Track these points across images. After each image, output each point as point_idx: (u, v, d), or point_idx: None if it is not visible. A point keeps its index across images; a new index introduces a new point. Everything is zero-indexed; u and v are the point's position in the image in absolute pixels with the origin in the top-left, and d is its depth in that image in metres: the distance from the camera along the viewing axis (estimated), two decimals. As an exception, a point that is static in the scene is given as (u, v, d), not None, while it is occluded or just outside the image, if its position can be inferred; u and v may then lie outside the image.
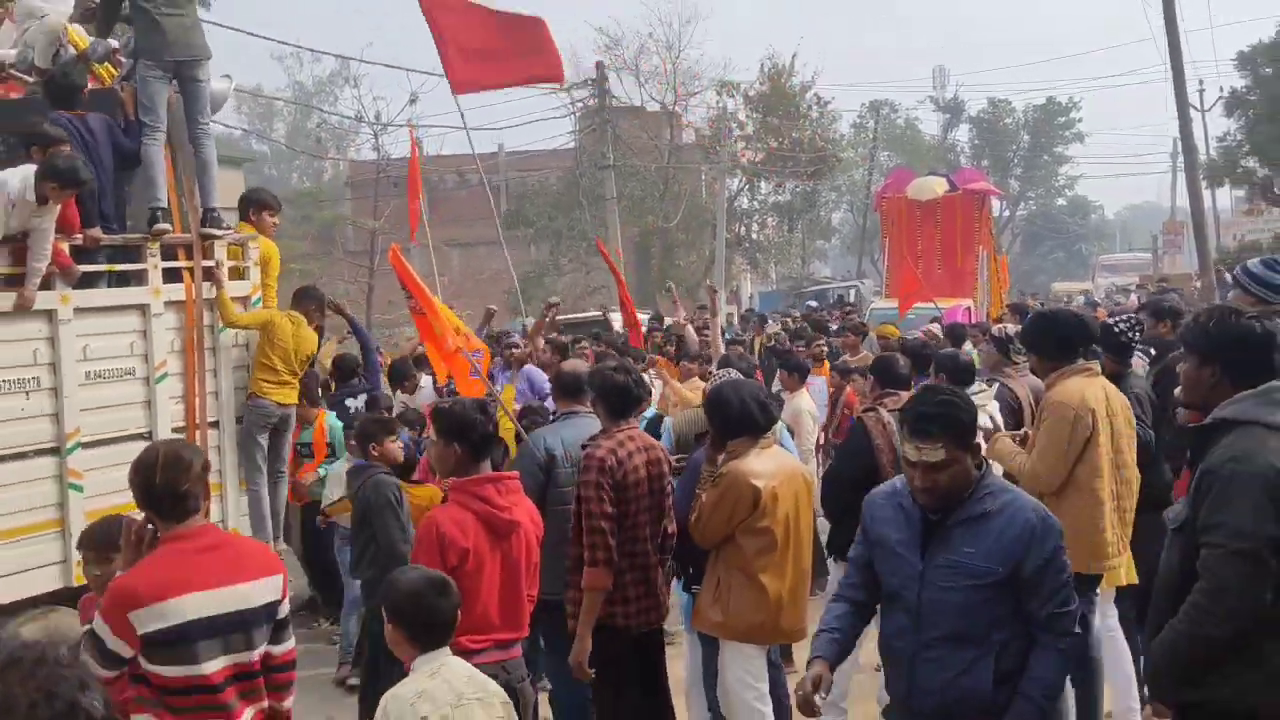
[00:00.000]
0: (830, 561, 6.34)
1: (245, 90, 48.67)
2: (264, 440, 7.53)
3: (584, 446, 5.21)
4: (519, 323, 17.23)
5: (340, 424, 8.19)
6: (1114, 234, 79.88)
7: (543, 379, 8.99)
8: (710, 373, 8.13)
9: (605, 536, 4.94)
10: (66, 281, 6.40)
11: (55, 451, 6.33)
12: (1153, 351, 7.47)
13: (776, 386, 9.78)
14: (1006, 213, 61.75)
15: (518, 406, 7.96)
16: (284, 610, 3.79)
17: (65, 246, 6.39)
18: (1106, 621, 5.68)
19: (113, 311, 6.79)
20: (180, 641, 3.50)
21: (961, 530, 3.60)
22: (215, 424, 7.34)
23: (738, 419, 5.06)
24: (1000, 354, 7.32)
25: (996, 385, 6.82)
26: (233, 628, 3.60)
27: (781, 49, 54.61)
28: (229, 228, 7.59)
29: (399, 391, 9.99)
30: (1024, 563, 3.52)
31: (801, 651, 5.99)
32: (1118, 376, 5.91)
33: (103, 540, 4.19)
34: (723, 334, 14.52)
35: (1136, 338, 6.50)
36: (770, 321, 18.95)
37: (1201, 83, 39.99)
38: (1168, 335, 7.27)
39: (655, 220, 36.34)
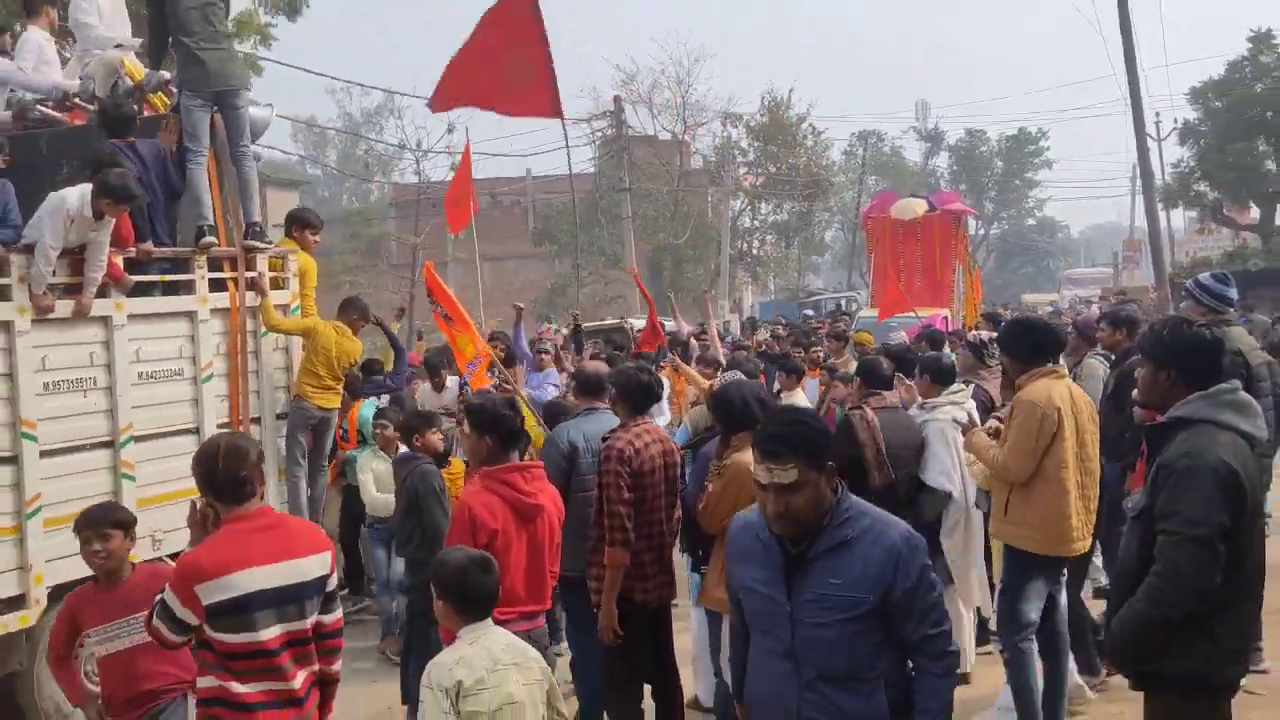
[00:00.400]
0: None
1: (301, 120, 49.06)
2: (304, 438, 7.47)
3: (604, 439, 5.21)
4: (550, 327, 17.26)
5: (370, 415, 8.15)
6: (1078, 251, 79.60)
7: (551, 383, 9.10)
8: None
9: (623, 520, 4.93)
10: (120, 290, 6.37)
11: (110, 445, 6.25)
12: (1112, 356, 7.43)
13: (776, 386, 9.76)
14: (982, 231, 61.58)
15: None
16: (332, 583, 3.80)
17: (119, 259, 6.37)
18: None
19: (163, 318, 6.73)
20: (240, 611, 3.51)
21: (824, 561, 3.09)
22: (257, 420, 7.26)
23: (739, 415, 5.03)
24: (975, 358, 7.27)
25: (973, 386, 6.79)
26: (287, 599, 3.61)
27: (780, 84, 54.65)
28: (270, 241, 7.51)
29: (426, 385, 9.91)
30: (893, 586, 3.05)
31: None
32: None
33: (98, 519, 4.19)
34: (724, 339, 14.54)
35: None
36: (761, 329, 18.92)
37: (1158, 115, 39.82)
38: (1124, 343, 7.21)
39: (666, 237, 36.39)
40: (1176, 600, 3.24)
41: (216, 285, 7.06)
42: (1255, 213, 34.91)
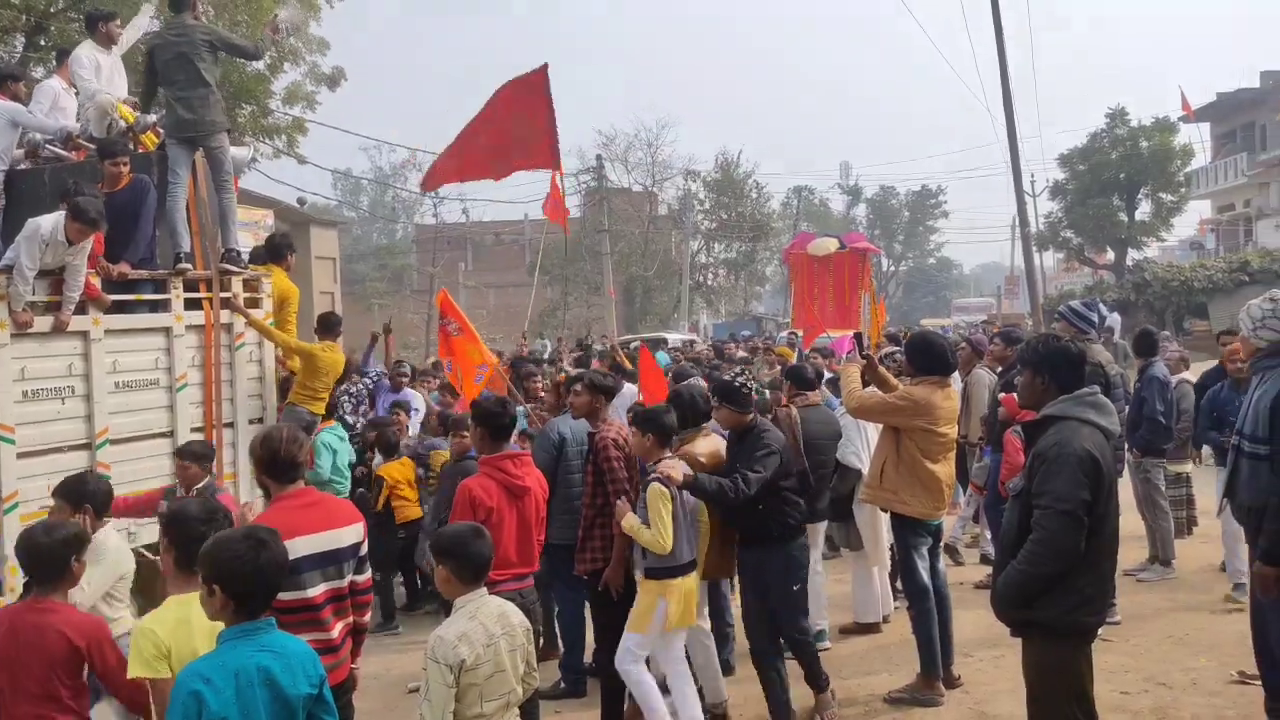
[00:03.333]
0: None
1: (339, 171, 48.78)
2: None
3: (590, 434, 5.11)
4: (543, 344, 17.04)
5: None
6: (969, 284, 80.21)
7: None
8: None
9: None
10: (98, 309, 5.87)
11: (87, 447, 5.75)
12: (999, 369, 7.50)
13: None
14: (891, 268, 62.07)
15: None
16: (364, 549, 3.72)
17: (96, 280, 5.89)
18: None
19: (139, 333, 6.16)
20: (293, 573, 3.39)
21: None
22: (230, 424, 6.65)
23: (689, 412, 5.00)
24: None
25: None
26: (330, 561, 3.53)
27: (731, 147, 54.94)
28: (245, 266, 6.94)
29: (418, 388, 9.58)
30: None
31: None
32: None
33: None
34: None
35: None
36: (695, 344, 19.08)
37: (1033, 175, 40.61)
38: (1014, 358, 7.28)
39: (637, 270, 36.52)
40: (1049, 560, 3.26)
41: (194, 304, 6.48)
42: (1110, 255, 35.53)
